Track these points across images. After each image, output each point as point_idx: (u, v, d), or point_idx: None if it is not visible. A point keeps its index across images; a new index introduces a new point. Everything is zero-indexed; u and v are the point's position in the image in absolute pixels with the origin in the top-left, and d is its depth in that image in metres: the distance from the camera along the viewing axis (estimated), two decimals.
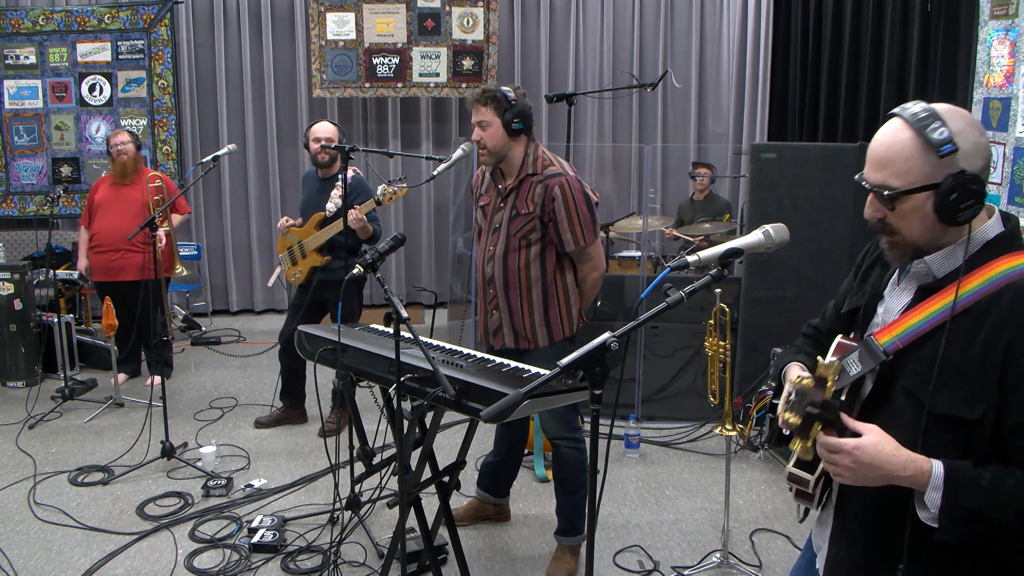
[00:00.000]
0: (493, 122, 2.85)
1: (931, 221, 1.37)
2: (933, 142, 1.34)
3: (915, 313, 1.41)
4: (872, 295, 1.57)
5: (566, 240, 2.86)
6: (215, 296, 7.18)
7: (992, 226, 1.40)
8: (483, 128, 2.87)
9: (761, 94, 6.93)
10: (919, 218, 1.38)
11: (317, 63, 6.69)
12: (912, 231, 1.40)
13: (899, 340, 1.41)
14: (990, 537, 1.33)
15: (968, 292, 1.36)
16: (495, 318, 3.01)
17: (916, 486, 1.33)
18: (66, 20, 6.38)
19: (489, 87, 2.92)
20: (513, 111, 2.85)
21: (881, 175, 1.39)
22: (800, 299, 4.27)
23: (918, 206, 1.37)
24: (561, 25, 7.17)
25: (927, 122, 1.35)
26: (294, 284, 4.43)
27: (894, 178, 1.37)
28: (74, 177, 6.57)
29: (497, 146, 2.88)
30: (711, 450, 4.24)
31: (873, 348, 1.43)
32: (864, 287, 1.61)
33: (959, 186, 1.33)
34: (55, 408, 4.73)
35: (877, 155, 1.40)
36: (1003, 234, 1.40)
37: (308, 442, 4.31)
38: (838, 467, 1.38)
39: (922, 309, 1.40)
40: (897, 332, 1.42)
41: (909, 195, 1.37)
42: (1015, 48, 4.05)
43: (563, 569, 3.06)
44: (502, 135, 2.86)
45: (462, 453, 2.72)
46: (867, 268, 1.63)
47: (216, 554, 3.17)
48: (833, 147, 4.58)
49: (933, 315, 1.38)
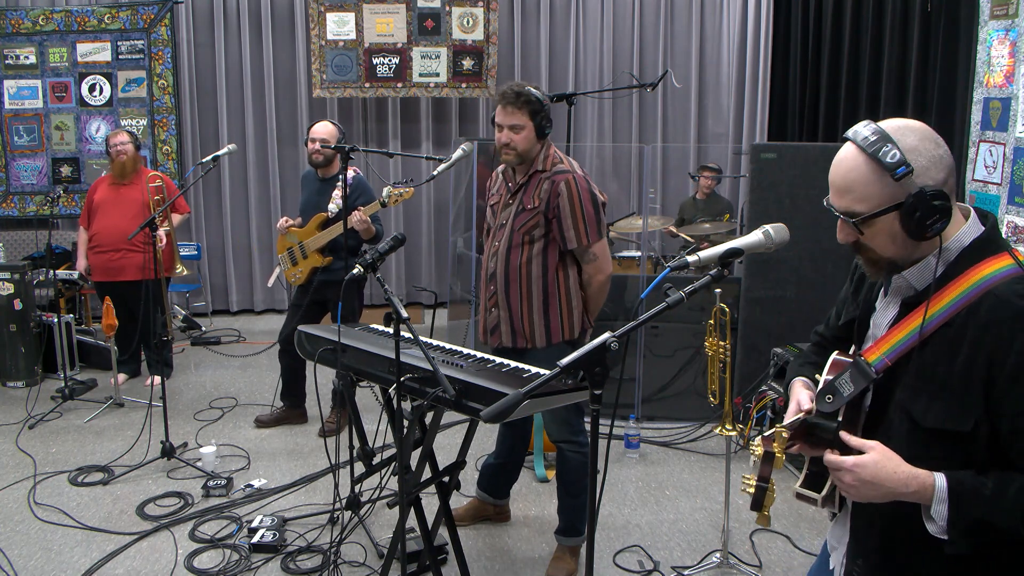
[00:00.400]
0: (527, 125, 2.81)
1: (901, 239, 1.38)
2: (887, 166, 1.33)
3: (899, 329, 1.42)
4: (866, 308, 1.58)
5: (568, 237, 2.84)
6: (215, 296, 7.18)
7: (969, 230, 1.40)
8: (515, 131, 2.81)
9: (761, 94, 6.93)
10: (889, 237, 1.39)
11: (317, 63, 6.69)
12: (885, 250, 1.41)
13: (887, 357, 1.42)
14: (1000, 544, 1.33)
15: (948, 304, 1.36)
16: (493, 315, 3.00)
17: (921, 500, 1.33)
18: (66, 20, 6.39)
19: (520, 88, 2.83)
20: (544, 113, 2.83)
21: (845, 201, 1.40)
22: (800, 299, 4.28)
23: (886, 227, 1.38)
24: (561, 25, 7.17)
25: (877, 146, 1.35)
26: (294, 284, 4.43)
27: (857, 203, 1.38)
28: (74, 177, 6.57)
29: (528, 149, 2.84)
30: (711, 450, 4.24)
31: (863, 368, 1.44)
32: (858, 298, 1.62)
33: (920, 204, 1.33)
34: (55, 408, 4.73)
35: (837, 182, 1.41)
36: (980, 238, 1.39)
37: (308, 442, 4.31)
38: (843, 484, 1.39)
39: (906, 325, 1.41)
40: (885, 349, 1.43)
41: (875, 218, 1.38)
42: (1015, 48, 4.05)
43: (563, 569, 3.06)
44: (533, 138, 2.83)
45: (462, 453, 2.72)
46: (859, 277, 1.65)
47: (216, 554, 3.17)
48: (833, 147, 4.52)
49: (915, 331, 1.39)
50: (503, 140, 2.84)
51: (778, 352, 4.02)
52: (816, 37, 6.13)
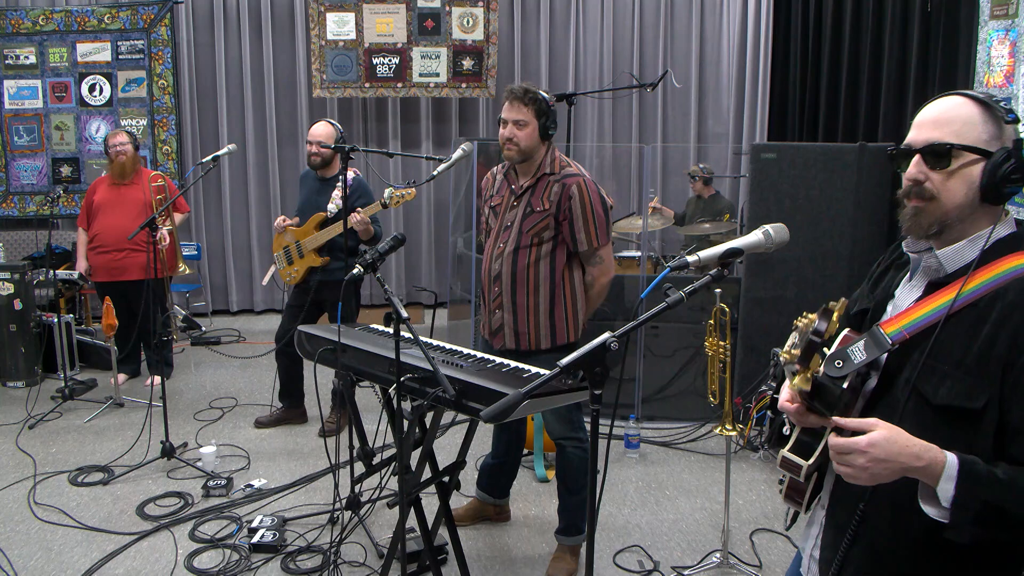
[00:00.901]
0: (531, 122, 2.86)
1: (973, 192, 1.37)
2: (997, 110, 1.37)
3: (923, 305, 1.40)
4: (883, 296, 1.56)
5: (580, 239, 2.89)
6: (215, 296, 7.18)
7: (1005, 226, 1.42)
8: (519, 127, 2.86)
9: (761, 94, 6.93)
10: (964, 184, 1.38)
11: (317, 63, 6.69)
12: (952, 198, 1.38)
13: (906, 331, 1.39)
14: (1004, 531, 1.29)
15: (976, 286, 1.35)
16: (497, 317, 3.01)
17: (928, 477, 1.29)
18: (66, 20, 6.39)
19: (530, 86, 2.91)
20: (551, 115, 2.89)
21: (936, 133, 1.39)
22: (800, 299, 4.27)
23: (966, 171, 1.37)
24: (561, 25, 7.17)
25: (988, 97, 1.39)
26: (289, 284, 4.42)
27: (951, 136, 1.38)
28: (74, 177, 6.57)
29: (530, 146, 2.89)
30: (711, 450, 4.24)
31: (879, 337, 1.41)
32: (875, 291, 1.60)
33: (1015, 154, 1.34)
34: (55, 408, 4.73)
35: (933, 116, 1.41)
36: (1014, 233, 1.41)
37: (308, 442, 4.31)
38: (852, 468, 1.31)
39: (930, 301, 1.40)
40: (904, 322, 1.40)
41: (963, 152, 1.36)
42: (1015, 48, 4.05)
43: (563, 569, 3.06)
44: (536, 137, 2.88)
45: (462, 453, 2.72)
46: (880, 273, 1.63)
47: (216, 554, 3.17)
48: (833, 147, 4.57)
49: (941, 307, 1.37)
50: (506, 135, 2.88)
51: (778, 352, 4.02)
52: (816, 37, 6.13)
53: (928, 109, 1.43)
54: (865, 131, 5.40)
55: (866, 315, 1.59)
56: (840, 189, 4.20)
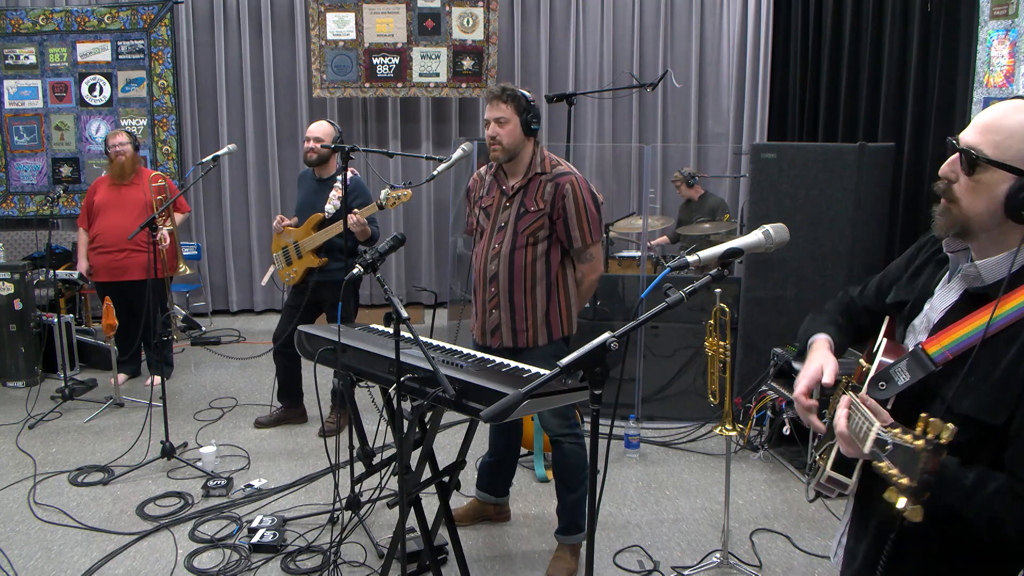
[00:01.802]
0: (512, 119, 2.88)
1: (996, 206, 1.35)
2: None
3: (964, 324, 1.39)
4: (922, 292, 1.55)
5: (574, 237, 2.91)
6: (215, 296, 7.18)
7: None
8: (500, 124, 2.89)
9: (761, 94, 6.93)
10: (987, 196, 1.35)
11: (317, 63, 6.69)
12: (973, 207, 1.37)
13: (948, 351, 1.39)
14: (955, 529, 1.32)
15: (1010, 310, 1.34)
16: (494, 317, 3.01)
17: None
18: (66, 20, 6.39)
19: (508, 85, 2.94)
20: (532, 111, 2.90)
21: (978, 139, 1.36)
22: (800, 299, 4.27)
23: (993, 184, 1.34)
24: (561, 25, 7.17)
25: None
26: (288, 284, 4.42)
27: (989, 146, 1.34)
28: (74, 177, 6.58)
29: (512, 144, 2.90)
30: (711, 450, 4.24)
31: (922, 359, 1.41)
32: (915, 283, 1.59)
33: None
34: (55, 408, 4.73)
35: (986, 119, 1.38)
36: None
37: (308, 442, 4.31)
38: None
39: (971, 321, 1.39)
40: (947, 343, 1.39)
41: (992, 167, 1.34)
42: (1015, 48, 4.05)
43: (563, 569, 3.06)
44: (519, 133, 2.90)
45: (462, 453, 2.72)
46: (921, 264, 1.61)
47: (216, 554, 3.17)
48: (833, 147, 4.57)
49: (978, 330, 1.36)
50: (489, 134, 2.92)
51: (778, 352, 4.02)
52: (816, 37, 6.12)
53: (988, 110, 1.40)
54: (865, 131, 5.40)
55: (902, 307, 1.58)
56: (840, 189, 4.20)
